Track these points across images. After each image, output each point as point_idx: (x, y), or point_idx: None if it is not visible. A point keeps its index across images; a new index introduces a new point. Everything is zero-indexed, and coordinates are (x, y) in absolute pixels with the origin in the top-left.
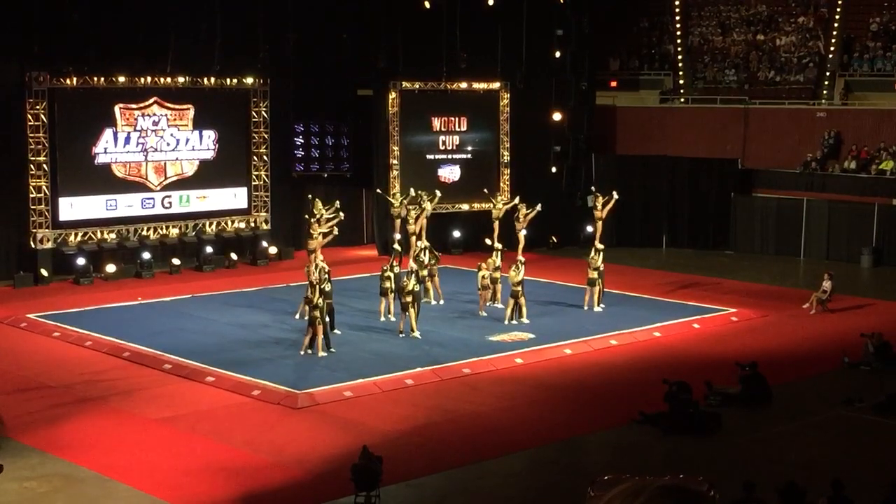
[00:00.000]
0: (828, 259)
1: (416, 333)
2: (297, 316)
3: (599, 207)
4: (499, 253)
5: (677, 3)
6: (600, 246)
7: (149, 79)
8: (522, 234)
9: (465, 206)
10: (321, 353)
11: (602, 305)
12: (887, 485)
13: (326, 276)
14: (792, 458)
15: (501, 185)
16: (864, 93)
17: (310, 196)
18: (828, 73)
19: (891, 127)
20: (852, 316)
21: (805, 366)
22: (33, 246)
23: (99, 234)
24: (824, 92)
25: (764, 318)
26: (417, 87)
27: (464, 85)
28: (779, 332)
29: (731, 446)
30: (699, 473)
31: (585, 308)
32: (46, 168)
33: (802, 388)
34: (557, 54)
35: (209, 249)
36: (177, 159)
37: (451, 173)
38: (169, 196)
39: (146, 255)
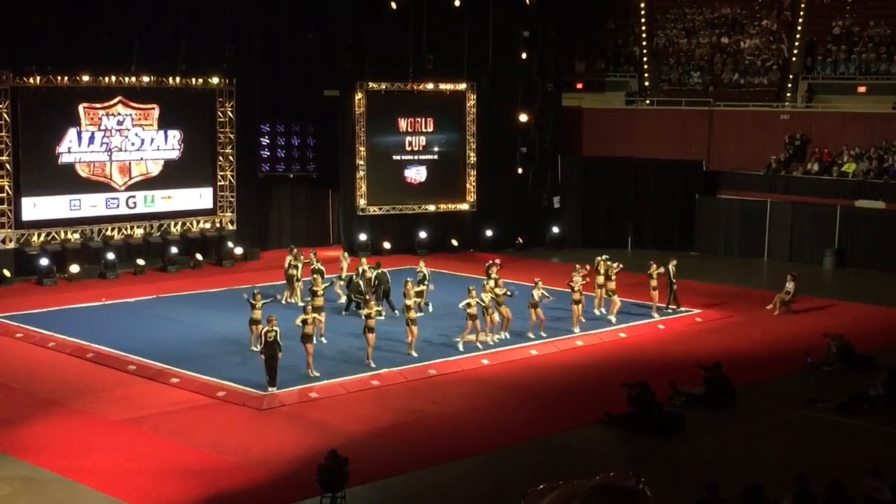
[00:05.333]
0: (791, 260)
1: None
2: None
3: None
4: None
5: (643, 5)
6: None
7: (113, 78)
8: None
9: (432, 207)
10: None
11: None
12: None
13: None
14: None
15: (468, 185)
16: (827, 96)
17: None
18: (791, 76)
19: (853, 129)
20: (815, 317)
21: (768, 366)
22: None
23: (62, 235)
24: (788, 94)
25: (728, 318)
26: (384, 87)
27: (430, 86)
28: (742, 332)
29: (694, 446)
30: (663, 473)
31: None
32: (9, 168)
33: (766, 389)
34: (524, 56)
35: (174, 250)
36: (141, 159)
37: (417, 174)
38: (133, 196)
39: (110, 256)
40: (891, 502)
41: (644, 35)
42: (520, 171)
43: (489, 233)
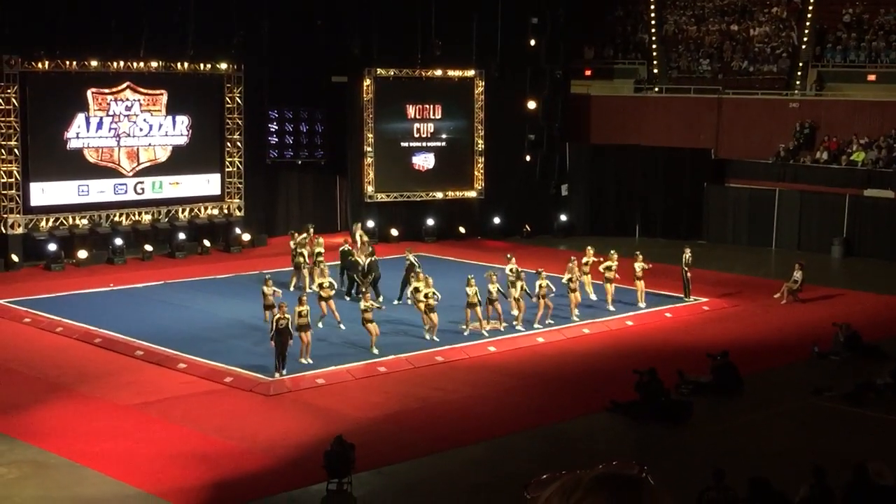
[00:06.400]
0: (799, 249)
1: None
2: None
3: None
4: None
5: None
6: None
7: (122, 63)
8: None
9: (439, 195)
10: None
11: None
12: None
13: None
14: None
15: (476, 173)
16: (837, 84)
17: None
18: (801, 64)
19: (863, 118)
20: (823, 306)
21: (775, 355)
22: (4, 231)
23: (71, 220)
24: (797, 82)
25: (735, 307)
26: (392, 74)
27: (438, 72)
28: (750, 321)
29: (701, 434)
30: (669, 461)
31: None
32: (17, 153)
33: (773, 378)
34: (532, 42)
35: (182, 236)
36: (150, 145)
37: (425, 161)
38: (141, 182)
39: (118, 241)
40: (893, 486)
41: (653, 22)
42: (528, 158)
43: (497, 220)
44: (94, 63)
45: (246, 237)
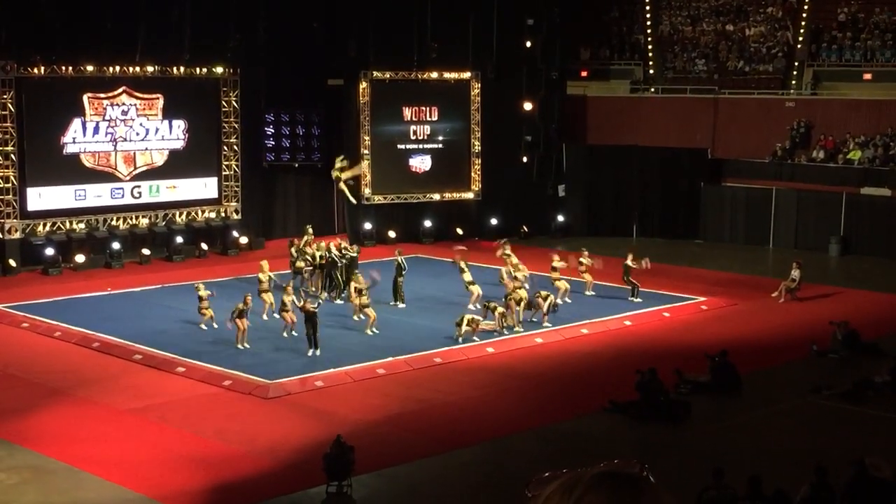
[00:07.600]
0: (796, 248)
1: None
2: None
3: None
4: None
5: None
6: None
7: (118, 68)
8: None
9: (437, 196)
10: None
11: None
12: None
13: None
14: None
15: (472, 174)
16: (833, 83)
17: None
18: (796, 64)
19: (859, 117)
20: (820, 304)
21: (774, 354)
22: (1, 236)
23: (68, 225)
24: (793, 82)
25: (733, 306)
26: (388, 76)
27: (435, 74)
28: (748, 320)
29: (700, 434)
30: (669, 461)
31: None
32: (14, 158)
33: (771, 376)
34: (528, 44)
35: (179, 239)
36: (146, 149)
37: (422, 163)
38: (138, 186)
39: (116, 246)
40: (890, 479)
41: (649, 22)
42: (525, 159)
43: (494, 221)
44: (90, 68)
45: (243, 240)
